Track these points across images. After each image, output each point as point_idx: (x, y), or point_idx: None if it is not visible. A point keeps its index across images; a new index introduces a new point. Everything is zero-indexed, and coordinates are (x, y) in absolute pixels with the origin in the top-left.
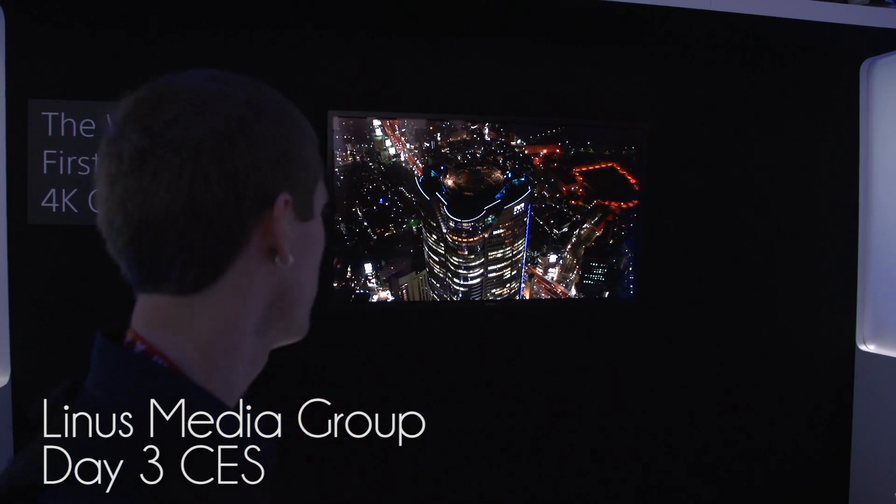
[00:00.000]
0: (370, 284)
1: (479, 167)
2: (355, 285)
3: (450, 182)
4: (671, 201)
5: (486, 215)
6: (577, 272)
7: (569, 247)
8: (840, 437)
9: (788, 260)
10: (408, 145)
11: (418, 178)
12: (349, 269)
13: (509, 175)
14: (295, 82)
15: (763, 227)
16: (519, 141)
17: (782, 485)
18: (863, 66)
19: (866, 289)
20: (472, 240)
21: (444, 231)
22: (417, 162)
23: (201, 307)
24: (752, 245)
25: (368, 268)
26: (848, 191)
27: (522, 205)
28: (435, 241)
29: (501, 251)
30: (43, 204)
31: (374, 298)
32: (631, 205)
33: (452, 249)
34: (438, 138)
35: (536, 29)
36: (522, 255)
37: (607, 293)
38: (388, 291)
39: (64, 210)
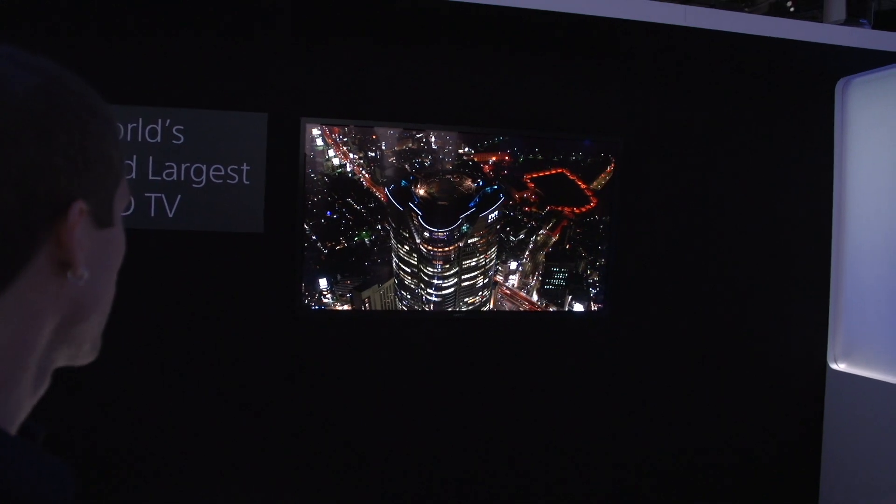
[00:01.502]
0: (325, 300)
1: (449, 176)
2: (309, 301)
3: (422, 192)
4: (643, 217)
5: (461, 224)
6: (538, 278)
7: (527, 253)
8: (810, 455)
9: (761, 278)
10: (351, 155)
11: (389, 187)
12: (302, 285)
13: (481, 183)
14: (268, 88)
15: (736, 245)
16: (467, 149)
17: (752, 501)
18: (837, 86)
19: (838, 308)
20: (447, 249)
21: (418, 241)
22: (364, 172)
23: None
24: (725, 263)
25: (323, 283)
26: (821, 209)
27: (496, 213)
28: (407, 252)
29: (475, 259)
30: None
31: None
32: (584, 209)
33: (427, 259)
34: (383, 147)
35: (513, 40)
36: (494, 263)
37: (570, 297)
38: (346, 306)
39: None
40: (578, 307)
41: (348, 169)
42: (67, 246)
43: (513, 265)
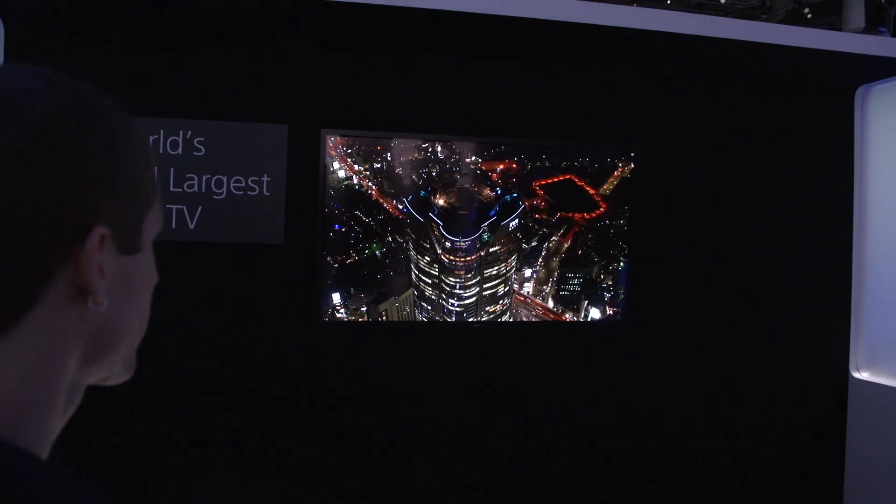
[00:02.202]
0: (338, 315)
1: (467, 185)
2: (330, 312)
3: (441, 202)
4: (663, 224)
5: (483, 233)
6: (552, 284)
7: (540, 260)
8: (833, 463)
9: (781, 285)
10: (356, 167)
11: (407, 198)
12: (323, 295)
13: (499, 192)
14: (288, 100)
15: (757, 253)
16: (474, 158)
17: None
18: (857, 93)
19: (860, 316)
20: (468, 258)
21: (439, 251)
22: (370, 184)
23: (1, 354)
24: (746, 270)
25: (336, 297)
26: (842, 217)
27: (516, 221)
28: (427, 263)
29: (496, 268)
30: None
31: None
32: (594, 214)
33: (448, 269)
34: (389, 158)
35: (530, 51)
36: (514, 271)
37: (586, 301)
38: (363, 320)
39: None
40: (595, 312)
41: (355, 181)
42: (86, 273)
43: (527, 272)
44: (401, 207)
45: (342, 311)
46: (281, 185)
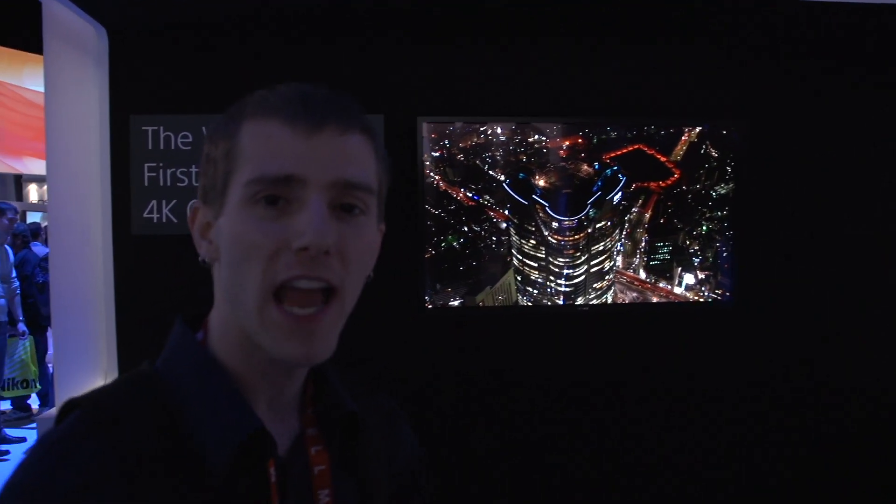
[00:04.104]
0: (427, 308)
1: (563, 163)
2: (431, 299)
3: (542, 182)
4: (769, 204)
5: (589, 209)
6: (640, 255)
7: (624, 234)
8: None
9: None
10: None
11: (506, 183)
12: (426, 283)
13: (597, 166)
14: (383, 90)
15: (867, 237)
16: (536, 136)
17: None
18: None
19: None
20: (577, 237)
21: (546, 233)
22: (432, 174)
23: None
24: (855, 254)
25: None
26: None
27: (620, 194)
28: (533, 247)
29: (603, 244)
30: (145, 215)
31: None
32: (670, 182)
33: (557, 250)
34: (447, 144)
35: (618, 29)
36: (618, 245)
37: (679, 269)
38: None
39: (164, 220)
40: (689, 277)
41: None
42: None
43: (609, 246)
44: (469, 195)
45: (429, 306)
46: None
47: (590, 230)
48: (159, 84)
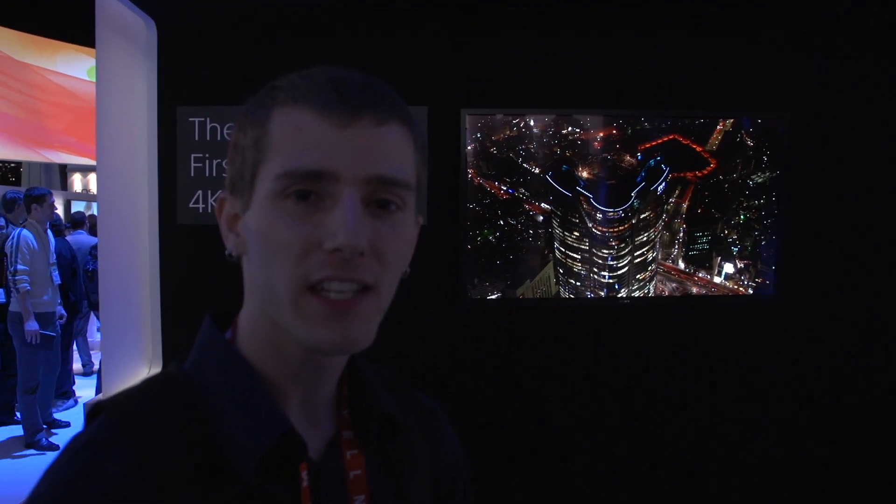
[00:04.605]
0: (470, 299)
1: (605, 154)
2: (471, 293)
3: (585, 174)
4: (811, 195)
5: (633, 200)
6: (679, 246)
7: (660, 223)
8: None
9: None
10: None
11: (549, 175)
12: (467, 276)
13: (640, 157)
14: (427, 82)
15: None
16: (570, 128)
17: None
18: None
19: None
20: (621, 228)
21: (590, 224)
22: (465, 168)
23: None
24: None
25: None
26: None
27: (664, 184)
28: (577, 238)
29: (646, 234)
30: (191, 205)
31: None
32: (706, 172)
33: (601, 241)
34: (479, 137)
35: (667, 20)
36: (660, 236)
37: (719, 258)
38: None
39: (210, 210)
40: (728, 267)
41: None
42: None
43: (652, 236)
44: (504, 188)
45: (472, 299)
46: None
47: (633, 221)
48: (206, 76)
